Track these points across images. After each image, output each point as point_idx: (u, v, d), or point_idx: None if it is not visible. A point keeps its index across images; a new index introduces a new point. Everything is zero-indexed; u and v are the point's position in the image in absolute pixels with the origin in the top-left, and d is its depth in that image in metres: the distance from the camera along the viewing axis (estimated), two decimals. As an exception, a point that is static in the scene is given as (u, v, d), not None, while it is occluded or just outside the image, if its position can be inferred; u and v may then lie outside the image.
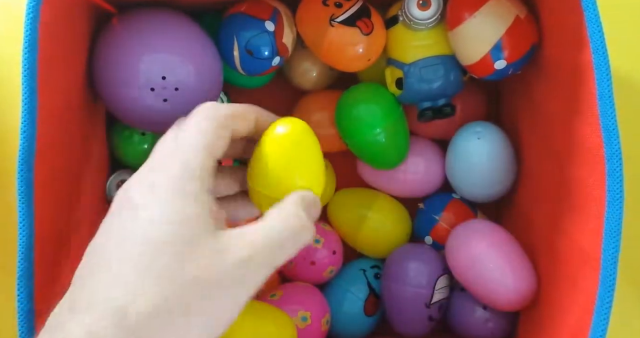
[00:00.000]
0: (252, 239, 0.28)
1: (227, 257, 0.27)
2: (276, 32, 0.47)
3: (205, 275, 0.26)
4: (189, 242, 0.27)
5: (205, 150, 0.31)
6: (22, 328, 0.33)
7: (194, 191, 0.29)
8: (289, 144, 0.33)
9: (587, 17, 0.34)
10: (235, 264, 0.27)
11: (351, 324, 0.51)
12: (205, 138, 0.31)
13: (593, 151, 0.35)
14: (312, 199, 0.32)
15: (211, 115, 0.32)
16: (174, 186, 0.29)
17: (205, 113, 0.32)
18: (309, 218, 0.30)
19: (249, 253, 0.28)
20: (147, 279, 0.26)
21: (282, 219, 0.30)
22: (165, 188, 0.29)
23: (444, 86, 0.49)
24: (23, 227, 0.33)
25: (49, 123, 0.35)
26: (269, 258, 0.28)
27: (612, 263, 0.33)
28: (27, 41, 0.33)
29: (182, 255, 0.27)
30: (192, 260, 0.27)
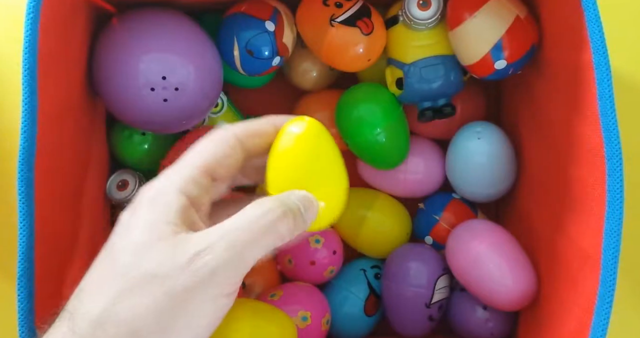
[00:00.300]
0: (211, 231, 0.27)
1: (183, 249, 0.26)
2: (276, 32, 0.47)
3: (160, 271, 0.26)
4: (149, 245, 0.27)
5: (187, 186, 0.29)
6: (22, 328, 0.33)
7: (168, 234, 0.27)
8: (304, 144, 0.31)
9: (587, 17, 0.34)
10: (193, 256, 0.26)
11: (351, 324, 0.51)
12: (191, 171, 0.29)
13: (593, 151, 0.35)
14: (305, 200, 0.30)
15: (217, 137, 0.31)
16: (150, 233, 0.27)
17: (214, 135, 0.31)
18: (289, 215, 0.28)
19: (207, 243, 0.26)
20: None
21: (254, 211, 0.28)
22: (140, 233, 0.27)
23: (444, 86, 0.49)
24: (23, 227, 0.33)
25: (49, 123, 0.35)
26: (233, 250, 0.26)
27: (612, 263, 0.33)
28: (27, 41, 0.33)
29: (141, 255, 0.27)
30: (149, 259, 0.26)
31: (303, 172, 0.31)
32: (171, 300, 0.25)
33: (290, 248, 0.51)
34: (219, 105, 0.53)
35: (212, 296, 0.26)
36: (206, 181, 0.30)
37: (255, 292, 0.52)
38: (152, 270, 0.26)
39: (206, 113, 0.49)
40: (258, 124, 0.32)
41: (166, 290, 0.25)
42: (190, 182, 0.29)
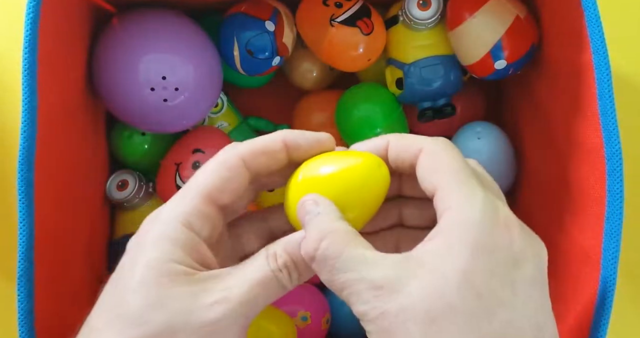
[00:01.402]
0: (226, 295, 0.26)
1: (200, 299, 0.25)
2: (276, 32, 0.47)
3: (177, 322, 0.25)
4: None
5: (191, 219, 0.27)
6: (22, 328, 0.33)
7: (179, 275, 0.26)
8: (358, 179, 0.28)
9: (587, 17, 0.34)
10: (210, 305, 0.25)
11: (351, 324, 0.51)
12: (194, 201, 0.28)
13: (593, 151, 0.35)
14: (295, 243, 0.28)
15: (219, 161, 0.29)
16: (160, 274, 0.26)
17: (216, 158, 0.29)
18: (287, 277, 0.27)
19: (223, 310, 0.25)
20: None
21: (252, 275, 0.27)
22: (149, 272, 0.26)
23: (444, 86, 0.49)
24: (23, 227, 0.33)
25: (49, 123, 0.35)
26: (246, 305, 0.26)
27: (612, 263, 0.33)
28: (27, 41, 0.33)
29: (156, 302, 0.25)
30: (165, 309, 0.25)
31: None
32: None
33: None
34: (219, 105, 0.53)
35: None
36: (211, 210, 0.28)
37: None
38: (170, 322, 0.25)
39: (206, 113, 0.49)
40: (265, 140, 0.29)
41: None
42: (193, 215, 0.27)
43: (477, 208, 0.24)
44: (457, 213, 0.24)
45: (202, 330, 0.25)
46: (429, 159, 0.27)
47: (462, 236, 0.24)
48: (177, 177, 0.47)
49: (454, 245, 0.24)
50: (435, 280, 0.23)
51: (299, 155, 0.29)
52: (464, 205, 0.25)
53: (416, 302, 0.23)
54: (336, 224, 0.26)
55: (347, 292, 0.25)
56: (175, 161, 0.47)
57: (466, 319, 0.23)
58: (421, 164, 0.27)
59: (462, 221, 0.24)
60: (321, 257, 0.25)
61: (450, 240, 0.24)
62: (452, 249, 0.24)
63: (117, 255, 0.35)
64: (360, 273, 0.24)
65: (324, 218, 0.26)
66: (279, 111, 0.57)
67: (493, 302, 0.23)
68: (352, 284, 0.24)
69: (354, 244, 0.25)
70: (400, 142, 0.29)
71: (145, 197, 0.49)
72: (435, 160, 0.27)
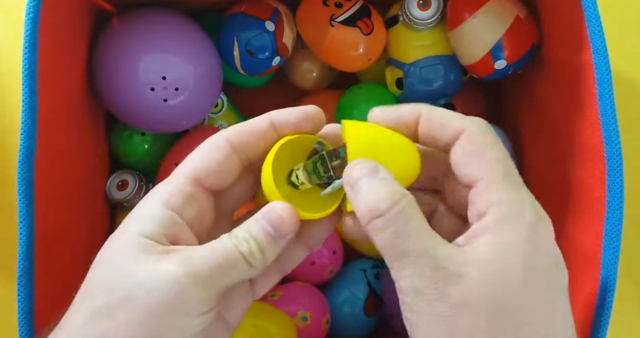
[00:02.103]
0: (184, 256, 0.25)
1: (157, 270, 0.25)
2: (276, 32, 0.47)
3: (133, 293, 0.24)
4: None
5: (171, 198, 0.27)
6: (22, 328, 0.33)
7: (147, 249, 0.26)
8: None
9: (587, 17, 0.34)
10: (167, 278, 0.24)
11: (351, 324, 0.51)
12: (178, 181, 0.27)
13: (593, 151, 0.35)
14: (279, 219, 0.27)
15: (206, 143, 0.28)
16: (130, 248, 0.26)
17: (204, 142, 0.29)
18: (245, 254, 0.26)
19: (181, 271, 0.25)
20: None
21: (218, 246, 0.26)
22: (120, 246, 0.26)
23: (444, 86, 0.49)
24: (23, 227, 0.33)
25: (49, 123, 0.35)
26: (196, 279, 0.25)
27: (612, 264, 0.33)
28: (27, 41, 0.33)
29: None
30: (126, 280, 0.25)
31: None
32: (142, 324, 0.24)
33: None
34: (219, 105, 0.53)
35: (183, 314, 0.25)
36: (196, 191, 0.27)
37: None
38: (127, 290, 0.24)
39: (206, 113, 0.49)
40: (251, 121, 0.29)
41: (139, 311, 0.24)
42: (175, 194, 0.27)
43: (528, 209, 0.24)
44: (508, 211, 0.24)
45: (156, 298, 0.24)
46: (471, 144, 0.25)
47: (518, 235, 0.23)
48: (177, 177, 0.47)
49: (511, 243, 0.23)
50: (501, 274, 0.23)
51: (289, 132, 0.28)
52: (514, 204, 0.24)
53: (483, 294, 0.22)
54: (406, 191, 0.25)
55: (406, 261, 0.24)
56: (175, 161, 0.47)
57: (532, 318, 0.23)
58: (462, 148, 0.26)
59: (515, 220, 0.24)
60: (394, 214, 0.24)
61: (507, 238, 0.23)
62: (511, 247, 0.23)
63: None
64: (425, 245, 0.24)
65: (394, 183, 0.25)
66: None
67: (550, 306, 0.23)
68: (416, 254, 0.23)
69: (423, 217, 0.25)
70: (435, 118, 0.26)
71: (145, 197, 0.49)
72: (478, 147, 0.25)
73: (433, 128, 0.26)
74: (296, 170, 0.29)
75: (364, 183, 0.25)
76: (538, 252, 0.23)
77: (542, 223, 0.24)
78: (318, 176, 0.28)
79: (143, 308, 0.24)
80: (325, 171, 0.28)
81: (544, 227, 0.24)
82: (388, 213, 0.24)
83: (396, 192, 0.24)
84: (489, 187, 0.24)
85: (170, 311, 0.24)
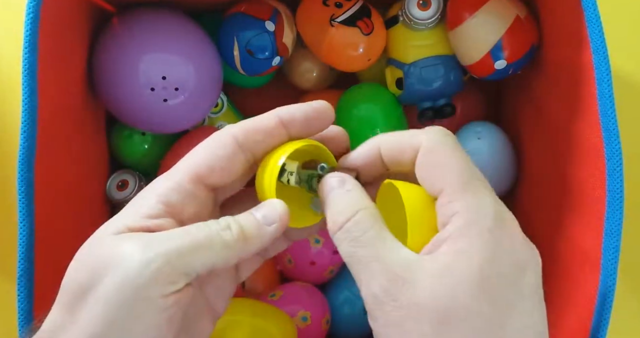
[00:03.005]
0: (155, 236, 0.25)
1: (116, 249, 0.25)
2: (276, 32, 0.47)
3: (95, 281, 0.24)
4: None
5: (167, 193, 0.27)
6: (22, 328, 0.33)
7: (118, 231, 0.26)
8: None
9: (587, 17, 0.34)
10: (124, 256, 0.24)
11: (351, 324, 0.51)
12: (178, 177, 0.27)
13: (593, 151, 0.35)
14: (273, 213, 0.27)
15: (211, 139, 0.28)
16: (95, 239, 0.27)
17: (209, 137, 0.28)
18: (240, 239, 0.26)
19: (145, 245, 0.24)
20: None
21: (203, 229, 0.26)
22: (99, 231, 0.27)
23: (444, 86, 0.49)
24: (23, 227, 0.33)
25: (49, 123, 0.35)
26: (164, 257, 0.24)
27: (612, 264, 0.33)
28: (27, 41, 0.33)
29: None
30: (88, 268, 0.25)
31: None
32: (107, 311, 0.24)
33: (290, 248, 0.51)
34: (219, 105, 0.53)
35: (146, 296, 0.24)
36: (194, 188, 0.27)
37: (255, 292, 0.52)
38: (88, 282, 0.24)
39: (206, 113, 0.49)
40: (258, 118, 0.28)
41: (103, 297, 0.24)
42: (172, 190, 0.27)
43: (487, 215, 0.24)
44: (466, 219, 0.24)
45: (117, 277, 0.24)
46: (428, 157, 0.26)
47: (474, 242, 0.24)
48: (177, 177, 0.47)
49: (466, 251, 0.24)
50: (451, 281, 0.23)
51: (298, 129, 0.28)
52: (472, 210, 0.24)
53: (430, 299, 0.23)
54: (367, 202, 0.26)
55: (360, 267, 0.25)
56: (175, 161, 0.47)
57: (481, 324, 0.23)
58: (421, 163, 0.26)
59: (473, 228, 0.24)
60: (350, 227, 0.25)
61: (463, 246, 0.24)
62: (466, 254, 0.23)
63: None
64: (379, 253, 0.24)
65: (355, 195, 0.26)
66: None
67: (506, 309, 0.23)
68: (369, 261, 0.24)
69: (379, 226, 0.25)
70: (392, 144, 0.27)
71: (145, 197, 0.49)
72: (435, 159, 0.26)
73: (394, 154, 0.27)
74: (288, 174, 0.29)
75: (331, 196, 0.27)
76: (495, 256, 0.23)
77: (504, 226, 0.24)
78: (309, 186, 0.29)
79: (106, 289, 0.24)
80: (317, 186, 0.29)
81: (506, 229, 0.24)
82: (345, 225, 0.25)
83: (355, 204, 0.26)
84: (450, 197, 0.25)
85: (133, 292, 0.24)
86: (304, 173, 0.29)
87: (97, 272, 0.24)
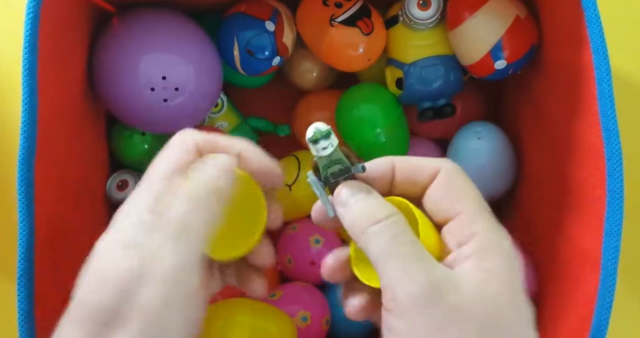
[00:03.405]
0: None
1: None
2: (276, 32, 0.47)
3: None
4: None
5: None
6: (22, 328, 0.33)
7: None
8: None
9: (587, 17, 0.34)
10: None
11: (351, 324, 0.51)
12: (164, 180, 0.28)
13: (593, 151, 0.35)
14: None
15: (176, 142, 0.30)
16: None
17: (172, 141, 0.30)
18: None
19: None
20: None
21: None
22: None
23: (444, 86, 0.49)
24: (23, 227, 0.33)
25: (49, 123, 0.35)
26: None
27: (612, 264, 0.33)
28: (27, 41, 0.33)
29: None
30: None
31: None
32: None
33: (290, 248, 0.51)
34: (219, 105, 0.53)
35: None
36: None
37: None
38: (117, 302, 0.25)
39: (206, 113, 0.49)
40: (220, 138, 0.30)
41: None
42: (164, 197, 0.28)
43: (505, 240, 0.26)
44: (490, 241, 0.26)
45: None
46: (449, 180, 0.27)
47: (500, 263, 0.25)
48: (177, 177, 0.47)
49: (495, 269, 0.25)
50: (492, 292, 0.25)
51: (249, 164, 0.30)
52: (495, 235, 0.26)
53: (475, 306, 0.24)
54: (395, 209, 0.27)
55: (399, 264, 0.25)
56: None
57: (512, 332, 0.25)
58: (442, 184, 0.27)
59: (497, 249, 0.26)
60: (390, 224, 0.26)
61: (492, 265, 0.25)
62: (497, 272, 0.25)
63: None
64: (421, 253, 0.25)
65: (382, 201, 0.28)
66: (279, 111, 0.57)
67: (529, 324, 0.25)
68: (413, 259, 0.25)
69: (413, 233, 0.26)
70: (411, 162, 0.29)
71: (145, 197, 0.49)
72: (455, 182, 0.27)
73: (411, 171, 0.29)
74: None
75: (362, 196, 0.27)
76: (516, 278, 0.26)
77: (508, 244, 0.26)
78: (333, 178, 0.29)
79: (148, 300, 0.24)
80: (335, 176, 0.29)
81: (509, 246, 0.26)
82: (385, 221, 0.26)
83: (392, 206, 0.27)
84: (471, 219, 0.26)
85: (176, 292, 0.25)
86: (343, 163, 0.29)
87: (124, 287, 0.24)
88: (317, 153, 0.28)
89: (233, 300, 0.45)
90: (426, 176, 0.28)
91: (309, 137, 0.27)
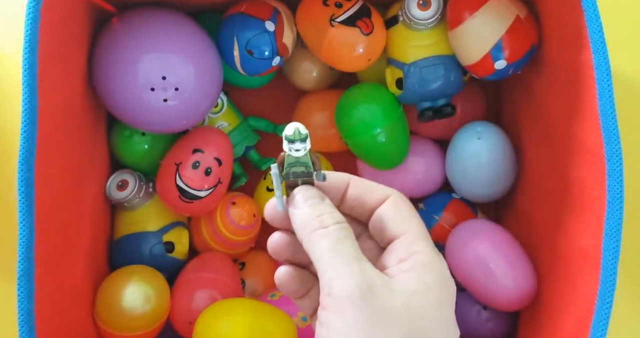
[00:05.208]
0: None
1: None
2: (276, 32, 0.47)
3: None
4: None
5: None
6: (22, 328, 0.33)
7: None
8: None
9: (587, 17, 0.34)
10: None
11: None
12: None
13: (593, 151, 0.35)
14: None
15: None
16: None
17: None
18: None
19: None
20: None
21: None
22: None
23: (444, 86, 0.49)
24: (23, 227, 0.33)
25: (49, 123, 0.35)
26: None
27: (612, 263, 0.33)
28: (27, 41, 0.33)
29: None
30: None
31: None
32: None
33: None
34: (219, 105, 0.53)
35: None
36: None
37: (255, 292, 0.52)
38: None
39: (206, 113, 0.49)
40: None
41: None
42: None
43: (438, 259, 0.29)
44: (429, 258, 0.28)
45: None
46: (398, 204, 0.30)
47: (434, 279, 0.28)
48: (177, 176, 0.47)
49: (430, 283, 0.27)
50: (421, 302, 0.27)
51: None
52: (432, 255, 0.29)
53: (406, 311, 0.26)
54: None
55: (339, 261, 0.27)
56: (175, 161, 0.47)
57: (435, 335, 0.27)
58: (391, 208, 0.30)
59: (433, 267, 0.28)
60: (333, 231, 0.28)
61: (428, 280, 0.28)
62: (430, 286, 0.27)
63: (117, 254, 0.35)
64: (361, 256, 0.27)
65: (333, 209, 0.29)
66: (279, 111, 0.57)
67: (450, 327, 0.28)
68: (352, 260, 0.27)
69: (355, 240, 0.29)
70: (365, 184, 0.31)
71: (145, 197, 0.49)
72: (404, 207, 0.30)
73: (363, 191, 0.31)
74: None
75: (316, 201, 0.29)
76: (448, 298, 0.28)
77: (445, 268, 0.29)
78: (289, 178, 0.30)
79: None
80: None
81: (446, 270, 0.29)
82: (334, 225, 0.28)
83: (341, 216, 0.29)
84: (413, 239, 0.29)
85: None
86: (300, 169, 0.30)
87: None
88: (288, 151, 0.29)
89: (233, 300, 0.45)
90: (376, 198, 0.30)
91: (287, 134, 0.28)
